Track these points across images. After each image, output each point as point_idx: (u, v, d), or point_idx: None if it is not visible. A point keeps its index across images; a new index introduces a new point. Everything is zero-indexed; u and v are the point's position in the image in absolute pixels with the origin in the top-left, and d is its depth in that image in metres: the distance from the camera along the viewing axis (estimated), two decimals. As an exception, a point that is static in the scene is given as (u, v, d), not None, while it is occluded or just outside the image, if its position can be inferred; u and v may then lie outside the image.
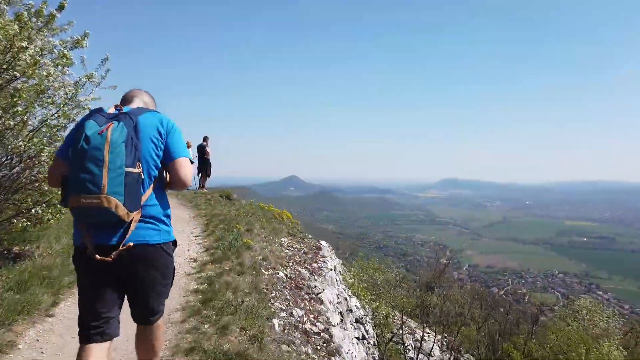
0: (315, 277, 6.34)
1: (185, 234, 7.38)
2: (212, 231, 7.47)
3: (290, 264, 6.50)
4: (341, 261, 9.40)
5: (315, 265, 7.03)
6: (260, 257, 6.09)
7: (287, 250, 7.28)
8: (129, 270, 2.04)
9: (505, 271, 77.11)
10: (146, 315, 2.24)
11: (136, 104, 2.27)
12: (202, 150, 14.75)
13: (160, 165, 2.11)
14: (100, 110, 2.04)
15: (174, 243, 2.24)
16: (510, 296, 56.77)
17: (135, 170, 1.92)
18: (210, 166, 15.01)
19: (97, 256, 1.90)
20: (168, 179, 2.19)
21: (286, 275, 5.85)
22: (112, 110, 2.07)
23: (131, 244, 1.96)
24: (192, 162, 2.14)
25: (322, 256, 7.80)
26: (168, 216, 2.19)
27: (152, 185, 2.08)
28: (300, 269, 6.41)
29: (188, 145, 13.71)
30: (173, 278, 2.30)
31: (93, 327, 2.03)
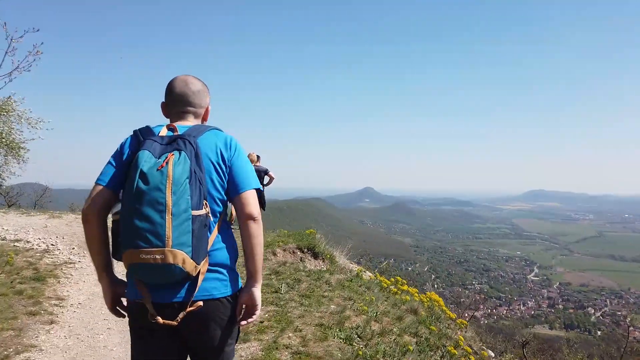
0: None
1: None
2: None
3: None
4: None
5: None
6: None
7: None
8: (191, 330, 1.66)
9: (602, 290, 70.90)
10: None
11: (190, 118, 1.84)
12: (259, 176, 10.41)
13: (225, 197, 1.73)
14: (150, 133, 1.65)
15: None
16: (609, 318, 52.32)
17: (202, 212, 1.56)
18: (264, 197, 10.43)
19: (160, 319, 1.54)
20: (234, 213, 1.80)
21: None
22: (164, 132, 1.68)
23: (200, 302, 1.60)
24: (262, 190, 1.57)
25: None
26: (235, 260, 1.78)
27: (217, 225, 1.70)
28: None
29: (252, 160, 10.18)
30: (238, 334, 1.87)
31: None
